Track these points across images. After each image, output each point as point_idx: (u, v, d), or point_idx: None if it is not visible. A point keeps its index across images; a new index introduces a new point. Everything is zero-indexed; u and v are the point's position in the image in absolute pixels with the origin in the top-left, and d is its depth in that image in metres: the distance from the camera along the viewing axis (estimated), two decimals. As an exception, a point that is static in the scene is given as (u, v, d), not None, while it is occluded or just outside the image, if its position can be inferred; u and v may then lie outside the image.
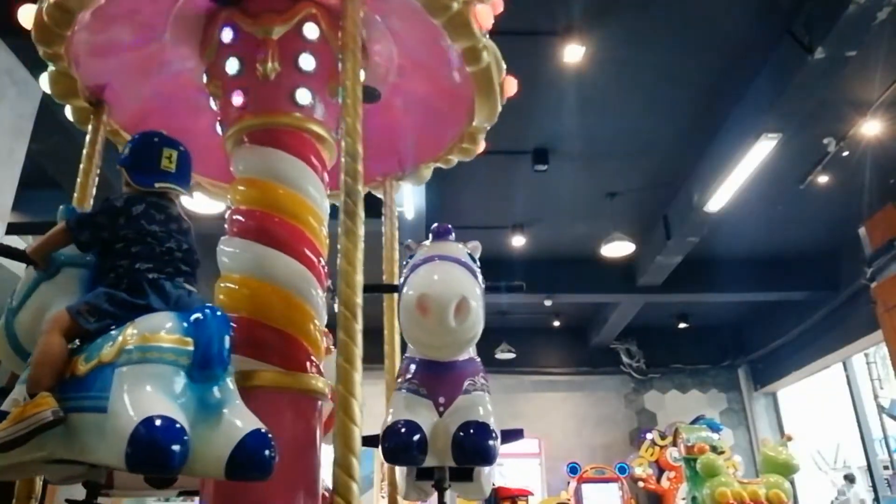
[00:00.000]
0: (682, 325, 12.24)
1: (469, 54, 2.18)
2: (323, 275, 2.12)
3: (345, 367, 1.68)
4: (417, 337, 1.75)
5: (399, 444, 1.75)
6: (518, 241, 8.96)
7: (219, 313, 1.46)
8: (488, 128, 2.60)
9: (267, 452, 1.40)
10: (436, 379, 1.81)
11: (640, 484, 11.53)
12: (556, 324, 12.25)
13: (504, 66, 2.35)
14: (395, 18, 2.34)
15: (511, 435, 1.82)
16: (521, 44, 5.42)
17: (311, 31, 2.24)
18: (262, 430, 1.42)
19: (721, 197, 7.39)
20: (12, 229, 5.11)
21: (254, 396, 1.91)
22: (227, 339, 1.46)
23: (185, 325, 1.43)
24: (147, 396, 1.34)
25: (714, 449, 6.75)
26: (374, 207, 3.20)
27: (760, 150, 6.52)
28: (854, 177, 7.25)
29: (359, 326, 1.72)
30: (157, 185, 1.76)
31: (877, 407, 10.57)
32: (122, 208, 1.72)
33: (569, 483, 11.55)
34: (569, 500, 11.15)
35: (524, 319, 11.92)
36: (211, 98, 2.39)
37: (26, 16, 2.09)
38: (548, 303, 10.49)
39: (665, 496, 11.32)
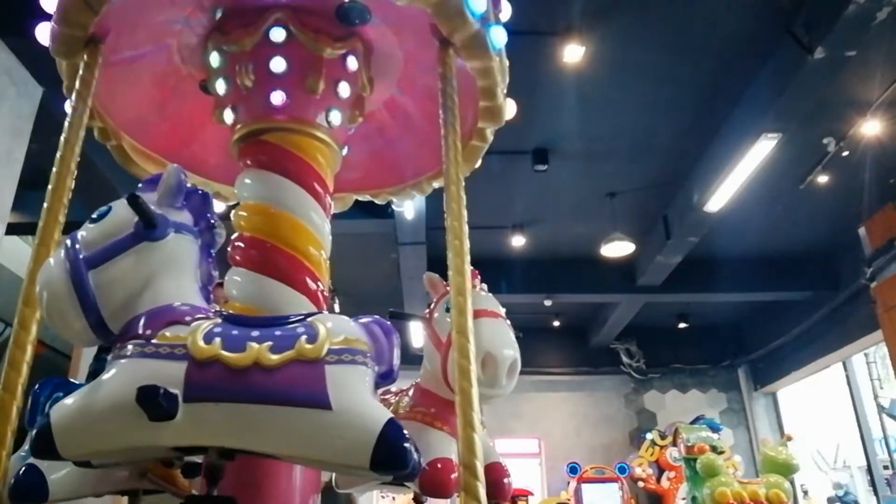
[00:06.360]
0: (681, 325, 12.24)
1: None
2: (322, 302, 2.13)
3: None
4: None
5: None
6: (518, 241, 8.97)
7: None
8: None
9: None
10: None
11: (640, 484, 11.53)
12: (556, 324, 12.25)
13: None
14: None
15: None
16: (521, 44, 5.42)
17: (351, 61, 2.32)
18: None
19: (721, 197, 7.39)
20: (12, 229, 5.12)
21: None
22: None
23: None
24: None
25: (714, 449, 6.75)
26: (374, 208, 3.20)
27: (760, 150, 6.52)
28: (854, 177, 7.25)
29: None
30: None
31: (877, 407, 10.59)
32: None
33: (569, 483, 11.55)
34: (569, 500, 11.16)
35: (524, 319, 11.91)
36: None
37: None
38: (548, 303, 10.49)
39: (665, 496, 11.32)
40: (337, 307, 9.88)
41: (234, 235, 2.16)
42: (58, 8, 1.99)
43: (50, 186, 1.84)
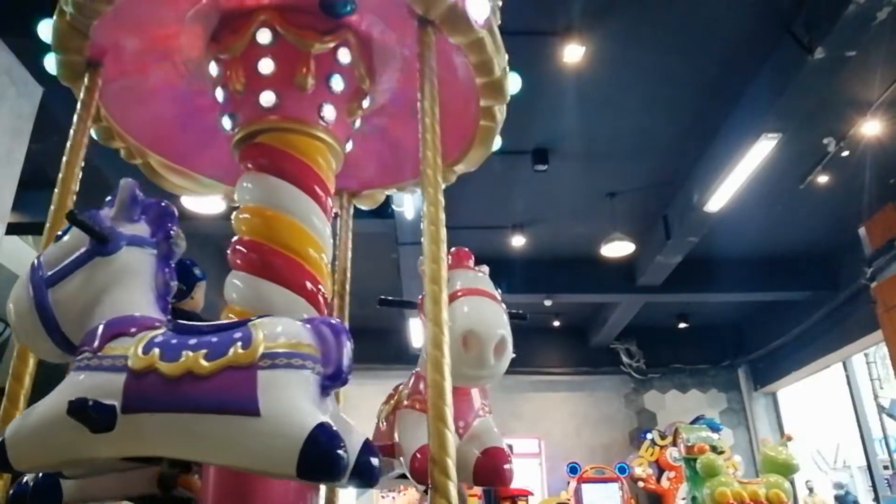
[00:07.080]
0: (682, 325, 12.25)
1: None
2: (323, 304, 2.12)
3: None
4: None
5: None
6: (518, 241, 8.97)
7: None
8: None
9: None
10: None
11: (640, 484, 11.54)
12: (556, 324, 12.25)
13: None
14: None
15: None
16: (521, 44, 5.43)
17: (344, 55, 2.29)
18: None
19: (721, 197, 7.40)
20: (12, 229, 5.12)
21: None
22: None
23: None
24: None
25: (714, 449, 6.75)
26: (374, 208, 3.19)
27: (760, 150, 6.52)
28: (854, 177, 7.26)
29: None
30: None
31: (877, 407, 10.59)
32: None
33: (569, 483, 11.55)
34: (569, 500, 11.15)
35: (524, 319, 11.91)
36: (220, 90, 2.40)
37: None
38: (548, 303, 10.49)
39: (665, 496, 11.33)
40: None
41: (234, 239, 2.15)
42: (53, 36, 2.05)
43: (52, 207, 1.86)
